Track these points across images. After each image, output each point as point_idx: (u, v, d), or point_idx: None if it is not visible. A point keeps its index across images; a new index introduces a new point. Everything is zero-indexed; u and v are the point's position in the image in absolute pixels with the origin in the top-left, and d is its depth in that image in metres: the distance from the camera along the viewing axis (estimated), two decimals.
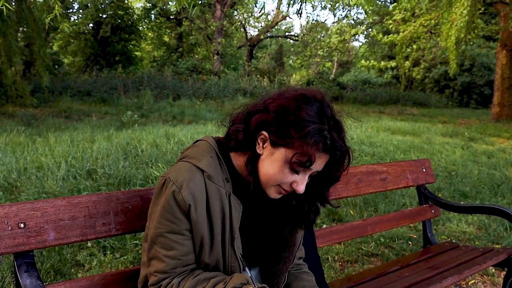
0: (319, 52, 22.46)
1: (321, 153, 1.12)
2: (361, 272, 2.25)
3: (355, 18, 19.53)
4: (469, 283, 2.87)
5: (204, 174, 1.16)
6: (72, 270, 2.74)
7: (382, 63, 18.94)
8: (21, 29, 14.51)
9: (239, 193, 1.21)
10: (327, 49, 20.77)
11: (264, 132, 1.15)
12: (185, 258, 1.18)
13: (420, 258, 2.36)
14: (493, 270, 3.01)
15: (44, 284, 1.25)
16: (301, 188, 1.17)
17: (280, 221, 1.31)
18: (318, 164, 1.14)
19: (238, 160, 1.23)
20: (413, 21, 14.74)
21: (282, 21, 31.72)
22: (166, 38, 27.87)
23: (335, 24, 22.11)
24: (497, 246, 3.39)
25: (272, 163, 1.15)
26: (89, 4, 21.33)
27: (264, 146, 1.17)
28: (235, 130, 1.21)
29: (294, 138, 1.10)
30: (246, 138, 1.18)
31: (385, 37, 16.21)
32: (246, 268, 1.22)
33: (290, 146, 1.11)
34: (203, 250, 1.18)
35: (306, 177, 1.17)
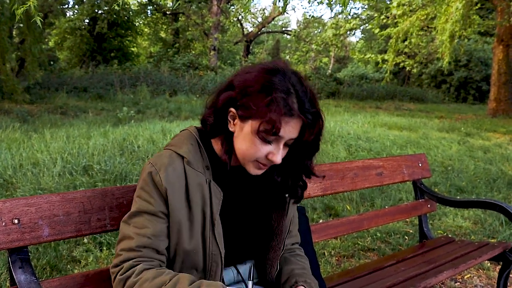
0: (313, 46, 22.36)
1: (288, 118, 1.09)
2: (358, 266, 2.26)
3: (351, 14, 19.48)
4: (465, 277, 2.88)
5: (184, 160, 1.17)
6: (68, 266, 2.73)
7: (379, 55, 18.91)
8: (16, 25, 14.42)
9: (220, 181, 1.21)
10: (322, 43, 20.68)
11: (232, 109, 1.15)
12: (155, 240, 1.14)
13: (416, 252, 2.37)
14: (489, 264, 3.03)
15: (39, 280, 1.24)
16: (277, 158, 1.15)
17: (265, 207, 1.30)
18: (289, 131, 1.11)
19: (219, 145, 1.23)
20: (409, 15, 14.71)
21: (279, 17, 31.65)
22: (162, 34, 27.78)
23: (332, 19, 22.05)
24: (492, 240, 3.41)
25: (243, 138, 1.15)
26: (84, 0, 21.22)
27: (234, 123, 1.17)
28: (207, 114, 1.22)
29: (258, 107, 1.09)
30: (216, 118, 1.18)
31: (382, 30, 16.18)
32: (227, 269, 1.25)
33: (255, 116, 1.10)
34: (182, 236, 1.16)
35: (281, 146, 1.14)
